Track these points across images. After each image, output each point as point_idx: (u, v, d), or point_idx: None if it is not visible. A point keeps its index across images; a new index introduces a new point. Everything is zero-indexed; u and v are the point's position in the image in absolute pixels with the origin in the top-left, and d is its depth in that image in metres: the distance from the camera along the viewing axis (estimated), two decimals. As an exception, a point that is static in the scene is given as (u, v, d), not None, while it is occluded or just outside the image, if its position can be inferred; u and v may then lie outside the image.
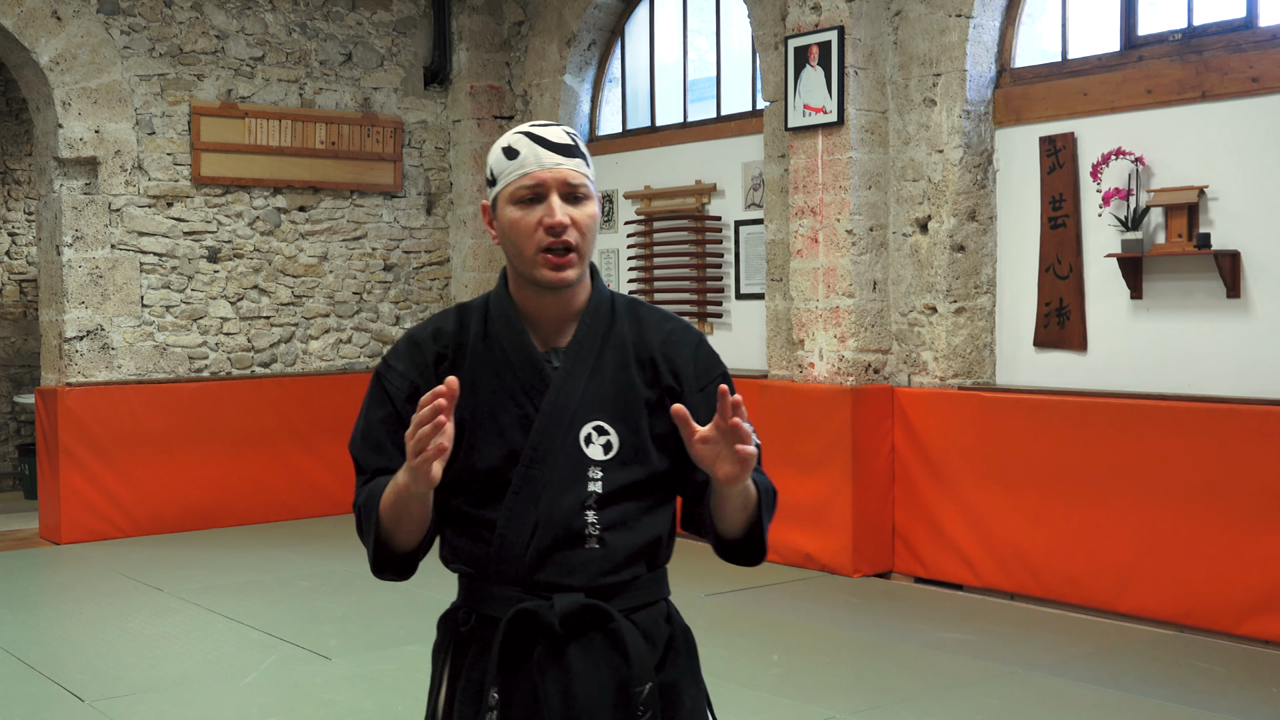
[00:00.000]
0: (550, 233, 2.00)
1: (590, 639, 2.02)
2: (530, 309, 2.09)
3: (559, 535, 2.02)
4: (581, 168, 2.04)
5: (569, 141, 2.05)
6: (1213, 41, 6.06)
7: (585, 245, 2.03)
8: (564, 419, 2.04)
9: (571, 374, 2.06)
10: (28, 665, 5.52)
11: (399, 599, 6.64)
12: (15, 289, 11.05)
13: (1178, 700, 4.93)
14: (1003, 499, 6.56)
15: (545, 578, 2.02)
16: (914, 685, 5.20)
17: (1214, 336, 6.04)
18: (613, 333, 2.11)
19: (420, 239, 9.82)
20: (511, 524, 2.02)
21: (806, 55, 7.18)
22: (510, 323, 2.08)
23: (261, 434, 8.91)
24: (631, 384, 2.08)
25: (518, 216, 2.02)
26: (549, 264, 2.01)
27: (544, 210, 2.00)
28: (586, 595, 2.02)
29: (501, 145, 2.07)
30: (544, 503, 2.02)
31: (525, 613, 2.01)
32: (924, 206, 7.04)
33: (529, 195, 2.02)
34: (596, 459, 2.04)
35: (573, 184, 2.02)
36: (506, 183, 2.04)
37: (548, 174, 2.01)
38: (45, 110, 8.37)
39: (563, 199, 2.02)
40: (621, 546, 2.04)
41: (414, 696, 5.05)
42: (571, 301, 2.09)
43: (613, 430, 2.05)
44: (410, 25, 9.73)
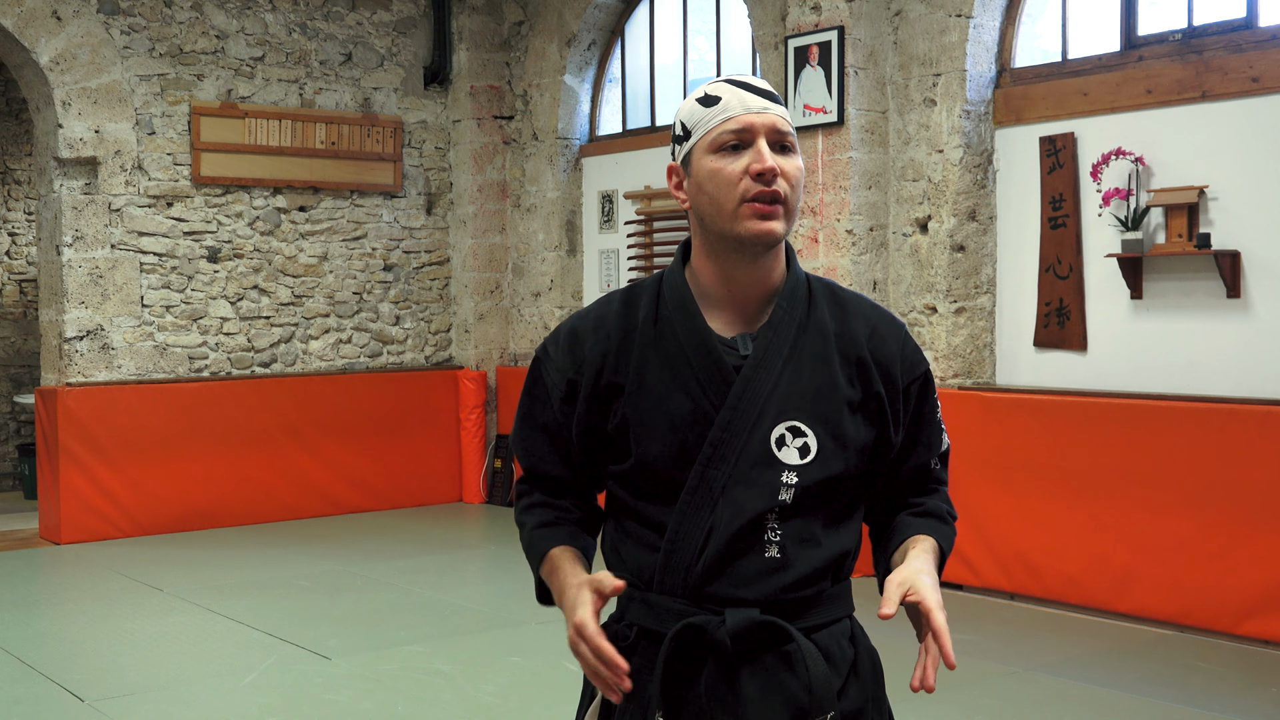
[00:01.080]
0: (760, 179, 1.79)
1: (765, 660, 1.83)
2: (717, 286, 1.87)
3: (736, 544, 1.81)
4: (788, 116, 1.86)
5: (772, 90, 1.87)
6: (1213, 41, 6.06)
7: (794, 200, 1.83)
8: (752, 414, 1.82)
9: (764, 363, 1.83)
10: (28, 665, 5.52)
11: (399, 599, 6.64)
12: (15, 289, 11.05)
13: (1178, 700, 4.93)
14: (1003, 499, 6.56)
15: (717, 590, 1.82)
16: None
17: (1214, 336, 6.04)
18: (811, 319, 1.88)
19: (420, 239, 9.82)
20: (683, 529, 1.82)
21: (806, 55, 7.18)
22: (686, 304, 1.87)
23: (261, 434, 8.91)
24: (834, 381, 1.86)
25: (720, 165, 1.81)
26: (756, 213, 1.79)
27: (752, 156, 1.80)
28: (762, 611, 1.81)
29: (696, 97, 1.87)
30: (722, 507, 1.81)
31: (693, 628, 1.81)
32: (924, 206, 7.04)
33: (735, 141, 1.81)
34: (791, 463, 1.82)
35: (781, 130, 1.83)
36: (706, 130, 1.83)
37: (756, 118, 1.81)
38: (45, 110, 8.37)
39: (771, 147, 1.82)
40: (806, 558, 1.84)
41: (414, 696, 5.06)
42: (767, 278, 1.87)
43: (811, 432, 1.83)
44: (410, 25, 9.73)
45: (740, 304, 1.87)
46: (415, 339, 9.81)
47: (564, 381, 1.91)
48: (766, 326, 1.86)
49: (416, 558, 7.65)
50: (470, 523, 9.21)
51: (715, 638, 1.80)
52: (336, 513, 9.19)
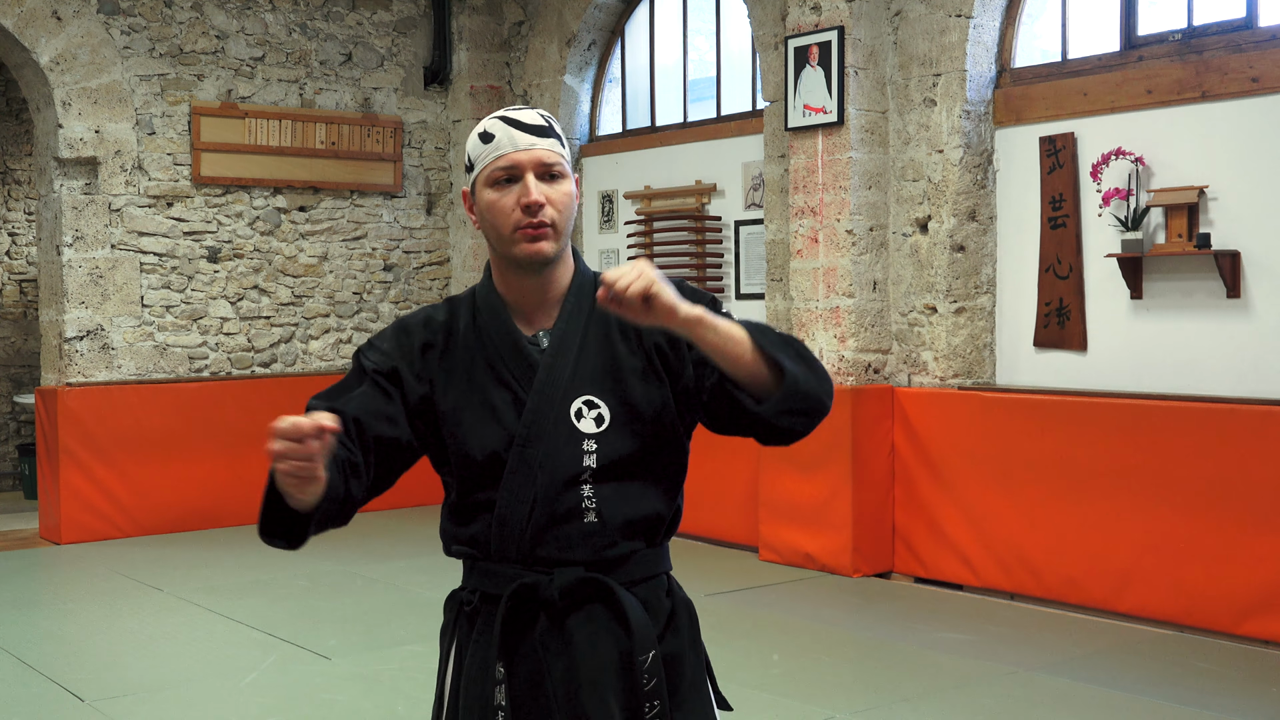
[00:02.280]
0: (527, 211, 2.03)
1: (591, 611, 2.05)
2: (515, 294, 2.13)
3: (556, 511, 2.04)
4: (555, 147, 2.08)
5: (542, 122, 2.09)
6: (1213, 41, 6.06)
7: (562, 222, 2.07)
8: (555, 397, 2.06)
9: (559, 352, 2.09)
10: (28, 665, 5.52)
11: (399, 599, 6.64)
12: (15, 289, 11.05)
13: (1178, 700, 4.93)
14: (1003, 499, 6.56)
15: (545, 553, 2.05)
16: (914, 685, 5.20)
17: (1214, 336, 6.03)
18: (595, 309, 2.11)
19: (420, 239, 9.82)
20: (510, 503, 2.05)
21: (806, 55, 7.18)
22: (495, 310, 2.12)
23: (262, 434, 8.63)
24: (616, 355, 2.10)
25: (495, 198, 2.06)
26: (526, 238, 2.04)
27: (520, 190, 2.04)
28: (586, 569, 2.05)
29: (477, 131, 2.11)
30: (541, 480, 2.04)
31: (525, 587, 2.05)
32: (924, 206, 7.04)
33: (505, 176, 2.06)
34: (589, 432, 2.06)
35: (547, 163, 2.06)
36: (483, 166, 2.08)
37: (523, 155, 2.05)
38: (45, 110, 8.37)
39: (538, 178, 2.06)
40: (619, 520, 2.07)
41: (414, 696, 5.06)
42: (555, 283, 2.12)
43: (603, 403, 2.08)
44: (410, 25, 9.73)
45: (535, 306, 2.13)
46: (415, 339, 9.80)
47: (387, 365, 2.10)
48: (559, 321, 2.11)
49: (416, 558, 7.65)
50: (470, 523, 9.20)
51: (546, 595, 2.04)
52: (336, 513, 9.18)
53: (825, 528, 7.07)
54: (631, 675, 2.04)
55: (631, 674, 2.04)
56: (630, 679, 2.04)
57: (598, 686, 2.03)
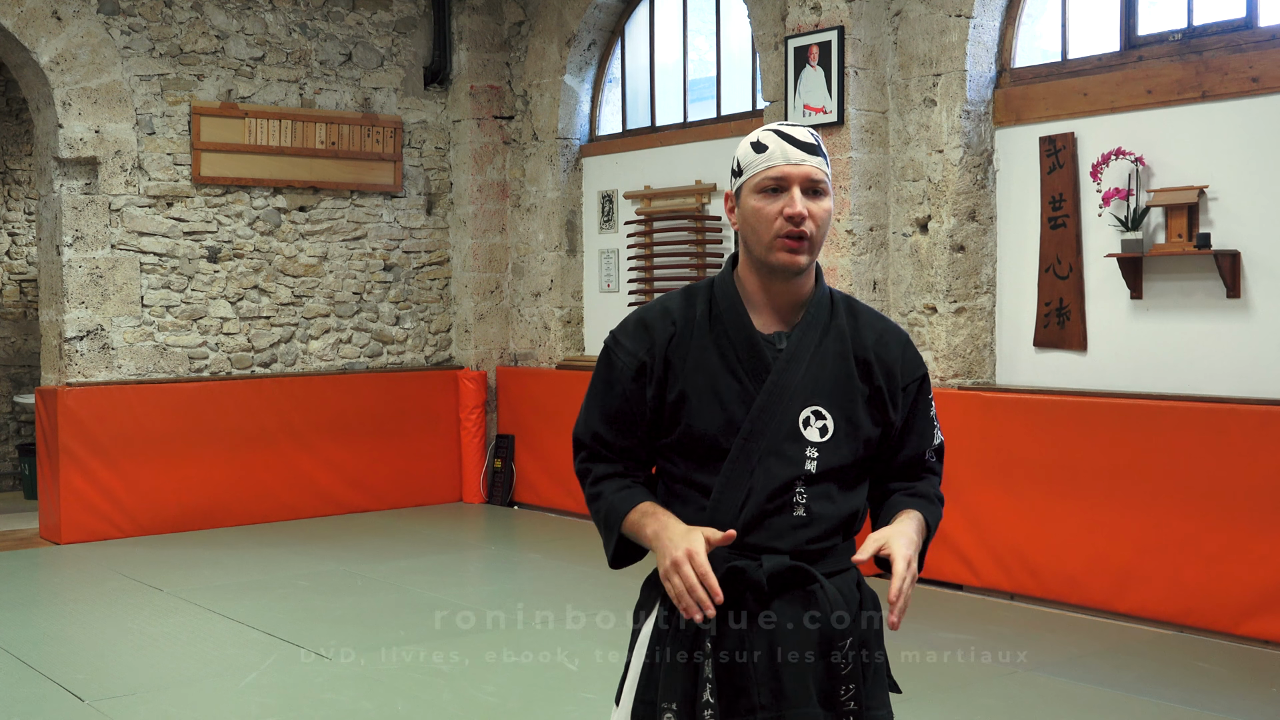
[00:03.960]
0: (790, 221, 2.18)
1: (794, 596, 2.21)
2: (757, 294, 2.28)
3: (770, 504, 2.21)
4: (823, 166, 2.23)
5: (813, 141, 2.23)
6: (1213, 41, 6.06)
7: (819, 236, 2.22)
8: (784, 398, 2.22)
9: (795, 357, 2.24)
10: (28, 665, 5.52)
11: (399, 599, 6.64)
12: (15, 289, 11.05)
13: (1178, 700, 4.93)
14: (1003, 499, 6.56)
15: (754, 541, 2.21)
16: (914, 685, 5.20)
17: (1214, 336, 6.03)
18: (833, 324, 2.29)
19: (420, 239, 9.82)
20: (727, 489, 2.21)
21: (806, 55, 7.18)
22: (735, 304, 2.27)
23: (261, 434, 8.91)
24: (849, 375, 2.27)
25: (761, 205, 2.21)
26: (785, 247, 2.19)
27: (785, 201, 2.19)
28: (791, 558, 2.20)
29: (750, 140, 2.26)
30: (759, 474, 2.20)
31: (735, 570, 2.18)
32: (924, 206, 7.04)
33: (773, 186, 2.20)
34: (813, 440, 2.23)
35: (814, 180, 2.21)
36: (753, 173, 2.22)
37: (793, 169, 2.20)
38: (45, 110, 8.37)
39: (804, 193, 2.20)
40: (825, 517, 2.24)
41: (414, 696, 5.06)
42: (798, 290, 2.27)
43: (829, 415, 2.24)
44: (410, 25, 9.73)
45: (776, 309, 2.28)
46: (415, 339, 9.81)
47: (635, 363, 2.27)
48: (799, 327, 2.26)
49: (416, 558, 7.65)
50: (470, 523, 9.21)
51: (754, 578, 2.19)
52: (336, 513, 9.19)
53: (825, 528, 7.06)
54: (829, 659, 2.20)
55: (829, 658, 2.20)
56: (828, 663, 2.20)
57: (798, 668, 2.18)
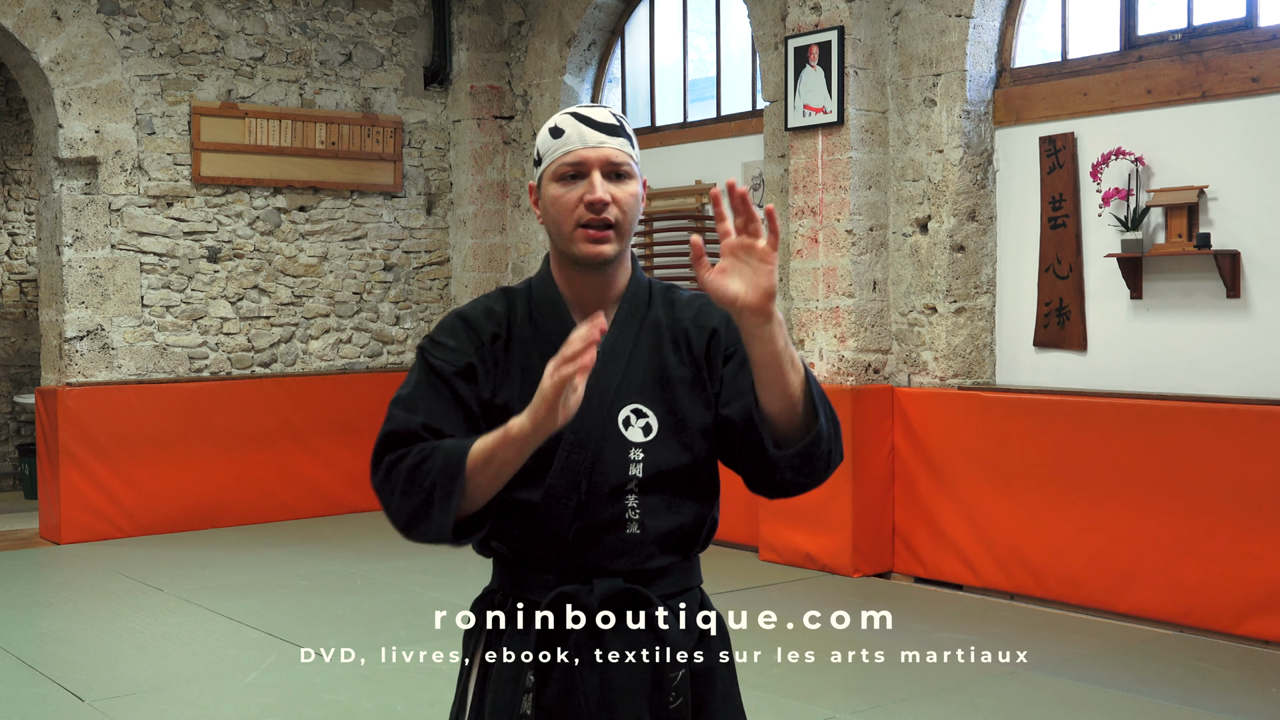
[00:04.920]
0: (590, 209, 2.01)
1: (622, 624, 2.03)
2: (572, 291, 2.10)
3: (599, 519, 2.02)
4: (625, 147, 2.07)
5: (613, 121, 2.08)
6: (1213, 41, 6.06)
7: (626, 223, 2.05)
8: (605, 401, 2.03)
9: (612, 356, 2.06)
10: (28, 665, 5.52)
11: (399, 599, 6.64)
12: (15, 289, 11.05)
13: (1178, 700, 4.93)
14: (1003, 499, 6.56)
15: (585, 561, 2.03)
16: (914, 685, 5.20)
17: (1214, 336, 6.03)
18: (649, 316, 2.10)
19: (420, 239, 9.82)
20: (553, 507, 2.01)
21: (806, 55, 7.18)
22: (554, 305, 2.09)
23: (261, 434, 8.91)
24: (665, 364, 2.08)
25: (560, 193, 2.04)
26: (588, 238, 2.02)
27: (585, 187, 2.02)
28: (625, 580, 2.03)
29: (548, 126, 2.09)
30: (585, 486, 2.01)
31: (563, 596, 2.02)
32: (924, 206, 7.04)
33: (571, 172, 2.04)
34: (636, 441, 2.03)
35: (615, 162, 2.05)
36: (551, 160, 2.06)
37: (591, 152, 2.04)
38: (45, 110, 8.37)
39: (605, 177, 2.04)
40: (660, 531, 2.04)
41: (414, 696, 5.06)
42: (612, 284, 2.10)
43: (651, 412, 2.05)
44: (410, 25, 9.73)
45: (590, 306, 2.08)
46: (415, 339, 9.81)
47: (462, 360, 2.06)
48: (613, 324, 2.07)
49: (416, 558, 7.65)
50: (470, 523, 9.20)
51: (584, 604, 2.01)
52: (336, 513, 9.19)
53: (825, 528, 7.07)
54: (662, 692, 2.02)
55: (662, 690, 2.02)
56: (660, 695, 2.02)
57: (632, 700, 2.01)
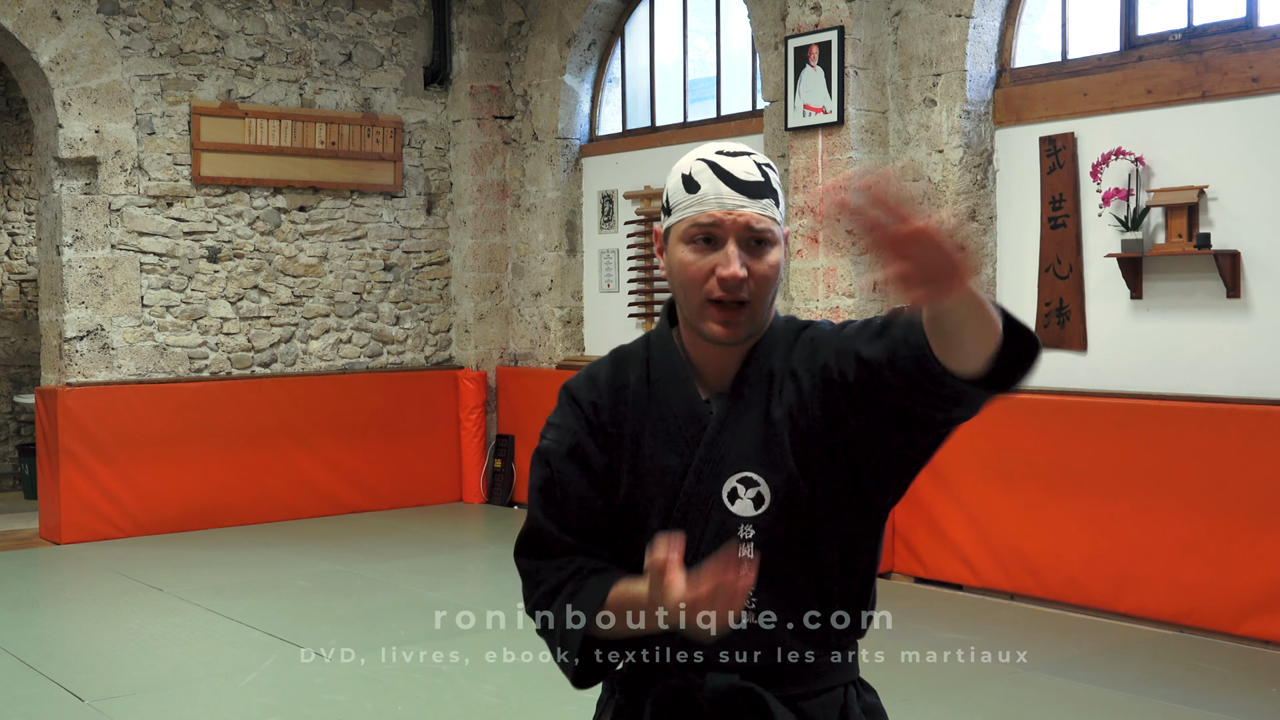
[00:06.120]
0: (722, 286, 1.77)
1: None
2: (695, 353, 1.87)
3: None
4: (769, 210, 1.79)
5: (757, 177, 1.80)
6: (1213, 41, 6.06)
7: (761, 300, 1.80)
8: (716, 472, 1.81)
9: (726, 422, 1.83)
10: (28, 665, 5.52)
11: (399, 599, 6.64)
12: (15, 289, 11.05)
13: (1178, 700, 4.93)
14: (1003, 499, 6.56)
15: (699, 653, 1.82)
16: (914, 685, 5.20)
17: (1214, 336, 6.03)
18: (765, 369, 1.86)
19: (420, 239, 9.82)
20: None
21: (806, 55, 7.18)
22: (673, 367, 1.87)
23: (261, 434, 8.90)
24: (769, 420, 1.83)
25: (689, 259, 1.79)
26: (716, 318, 1.79)
27: (719, 258, 1.77)
28: (743, 675, 1.81)
29: (682, 171, 1.83)
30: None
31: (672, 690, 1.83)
32: (924, 207, 7.03)
33: (703, 235, 1.79)
34: (745, 515, 1.80)
35: (756, 229, 1.78)
36: (682, 217, 1.80)
37: (727, 217, 1.77)
38: (45, 110, 8.37)
39: (741, 245, 1.77)
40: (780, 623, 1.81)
41: (414, 696, 5.06)
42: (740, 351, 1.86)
43: (763, 480, 1.80)
44: (410, 25, 9.73)
45: (717, 370, 1.86)
46: (415, 339, 9.81)
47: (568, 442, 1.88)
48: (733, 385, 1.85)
49: (416, 558, 7.65)
50: (470, 523, 9.21)
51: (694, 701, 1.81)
52: (336, 513, 9.19)
53: (825, 528, 7.05)
54: None
55: None
56: None
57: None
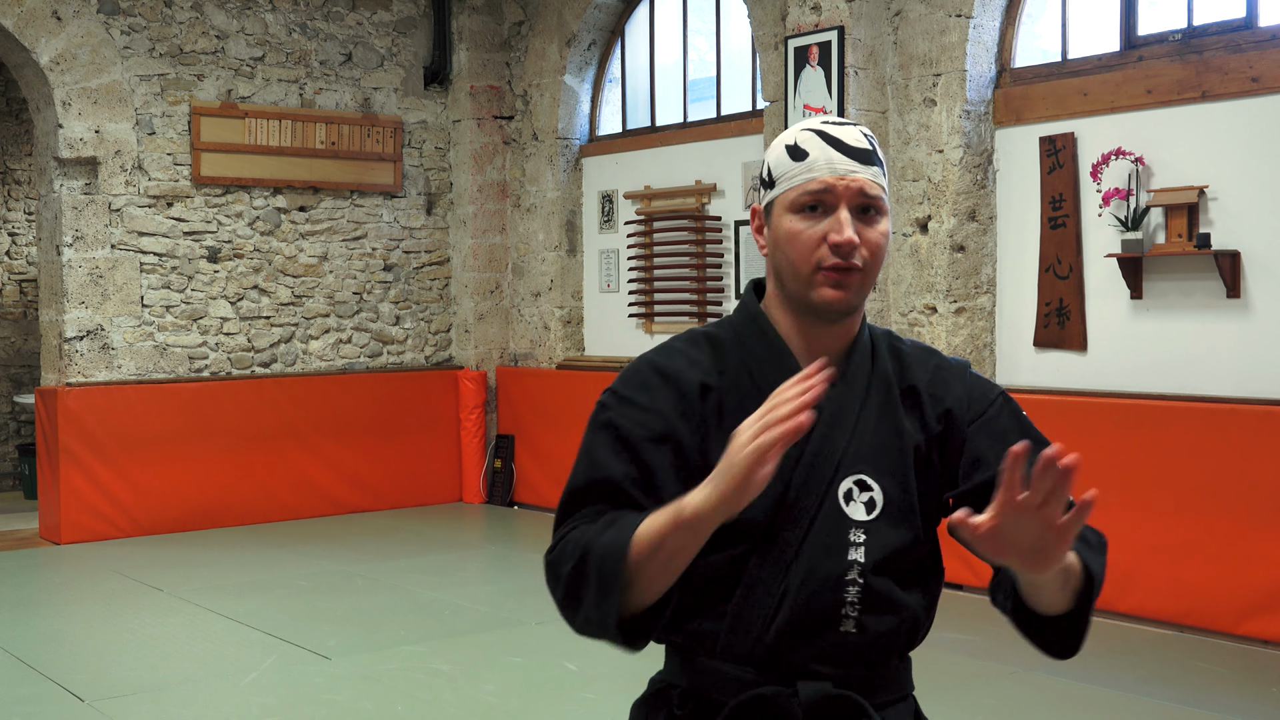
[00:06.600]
0: (836, 251, 1.71)
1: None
2: (794, 339, 1.79)
3: (810, 612, 1.72)
4: (879, 177, 1.75)
5: (867, 145, 1.76)
6: (1213, 41, 6.06)
7: (873, 268, 1.74)
8: (826, 471, 1.74)
9: (837, 419, 1.76)
10: (28, 665, 5.52)
11: (399, 599, 6.64)
12: (15, 289, 11.05)
13: (1178, 700, 4.93)
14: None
15: (788, 660, 1.72)
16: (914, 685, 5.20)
17: (1214, 336, 6.04)
18: (876, 370, 1.81)
19: (420, 239, 9.82)
20: (755, 592, 1.72)
21: (806, 55, 7.18)
22: (778, 353, 1.78)
23: (261, 434, 8.90)
24: (899, 429, 1.78)
25: (800, 228, 1.73)
26: (829, 281, 1.72)
27: (831, 224, 1.71)
28: (835, 684, 1.73)
29: (786, 142, 1.78)
30: (795, 571, 1.71)
31: (763, 699, 1.71)
32: (924, 206, 7.04)
33: (814, 202, 1.73)
34: (858, 519, 1.74)
35: (869, 195, 1.73)
36: (789, 186, 1.74)
37: (839, 182, 1.72)
38: (45, 110, 8.37)
39: (854, 213, 1.72)
40: (880, 630, 1.76)
41: (414, 696, 5.06)
42: (843, 334, 1.80)
43: (877, 485, 1.75)
44: (410, 25, 9.73)
45: (817, 355, 1.77)
46: (415, 339, 9.81)
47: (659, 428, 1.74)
48: (842, 379, 1.78)
49: (416, 558, 7.65)
50: (470, 523, 9.21)
51: (785, 710, 1.72)
52: (336, 513, 9.19)
53: (825, 528, 7.06)
54: None
55: None
56: None
57: None
